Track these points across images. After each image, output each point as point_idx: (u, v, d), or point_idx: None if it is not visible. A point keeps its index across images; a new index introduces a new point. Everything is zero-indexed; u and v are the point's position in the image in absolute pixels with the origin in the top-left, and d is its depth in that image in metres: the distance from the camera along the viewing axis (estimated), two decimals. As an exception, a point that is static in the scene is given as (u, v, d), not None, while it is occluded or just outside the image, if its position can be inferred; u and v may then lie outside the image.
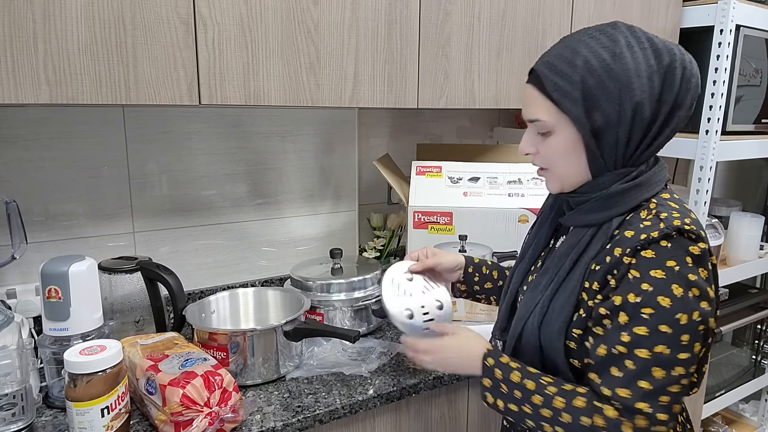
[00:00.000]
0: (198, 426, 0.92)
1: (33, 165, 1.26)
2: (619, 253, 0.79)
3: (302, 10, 1.16)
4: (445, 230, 1.44)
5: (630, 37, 0.80)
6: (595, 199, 0.84)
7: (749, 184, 2.79)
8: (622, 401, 0.75)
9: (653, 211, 0.81)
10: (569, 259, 0.86)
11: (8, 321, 1.03)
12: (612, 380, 0.77)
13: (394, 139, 1.80)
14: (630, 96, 0.78)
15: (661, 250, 0.76)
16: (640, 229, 0.78)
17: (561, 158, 0.85)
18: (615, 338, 0.77)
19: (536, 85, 0.84)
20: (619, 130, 0.80)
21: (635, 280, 0.77)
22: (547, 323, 0.85)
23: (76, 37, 0.96)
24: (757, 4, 1.79)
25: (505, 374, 0.85)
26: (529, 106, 0.85)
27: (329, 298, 1.34)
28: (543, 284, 0.89)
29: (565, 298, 0.84)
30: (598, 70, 0.78)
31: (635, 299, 0.76)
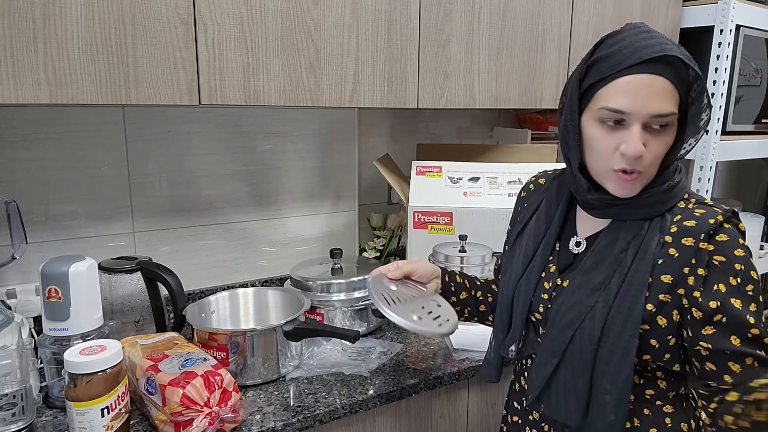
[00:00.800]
0: (198, 426, 0.92)
1: (33, 165, 1.26)
2: (692, 243, 0.79)
3: (302, 10, 1.16)
4: (445, 230, 1.44)
5: None
6: (663, 191, 0.84)
7: (749, 184, 2.79)
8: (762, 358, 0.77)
9: (691, 200, 0.85)
10: (630, 252, 0.83)
11: (8, 321, 1.03)
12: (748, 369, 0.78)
13: (394, 139, 1.80)
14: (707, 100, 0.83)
15: (729, 232, 0.79)
16: (699, 217, 0.81)
17: (661, 155, 0.82)
18: (744, 324, 0.77)
19: (669, 76, 0.77)
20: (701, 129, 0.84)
21: (724, 263, 0.78)
22: (613, 322, 0.81)
23: (76, 37, 0.96)
24: (757, 4, 1.79)
25: None
26: (661, 99, 0.77)
27: (329, 298, 1.34)
28: (597, 283, 0.84)
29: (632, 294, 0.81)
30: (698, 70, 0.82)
31: (736, 281, 0.78)
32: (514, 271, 0.96)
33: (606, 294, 0.82)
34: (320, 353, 1.26)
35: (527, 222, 0.98)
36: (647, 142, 0.79)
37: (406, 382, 1.17)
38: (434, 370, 1.22)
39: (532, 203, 0.99)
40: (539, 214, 0.96)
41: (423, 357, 1.28)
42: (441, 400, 1.26)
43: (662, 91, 0.77)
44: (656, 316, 0.80)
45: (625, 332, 0.80)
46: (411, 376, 1.19)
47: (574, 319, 0.84)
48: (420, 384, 1.18)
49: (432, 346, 1.34)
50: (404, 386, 1.16)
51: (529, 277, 0.93)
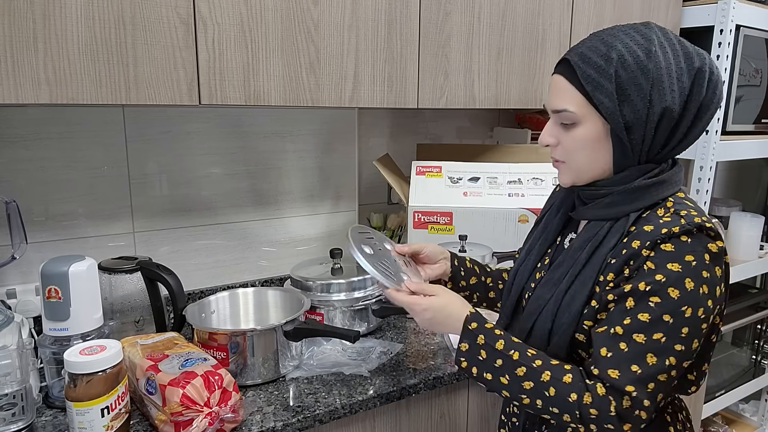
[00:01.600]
0: (198, 426, 0.92)
1: (33, 165, 1.26)
2: (637, 246, 0.79)
3: (302, 10, 1.16)
4: (445, 230, 1.44)
5: (662, 37, 0.81)
6: (618, 193, 0.84)
7: (749, 184, 2.79)
8: (611, 381, 0.77)
9: (671, 209, 0.82)
10: (585, 252, 0.86)
11: (8, 321, 1.03)
12: (604, 360, 0.78)
13: (394, 139, 1.80)
14: (660, 94, 0.79)
15: (681, 245, 0.77)
16: (660, 224, 0.79)
17: (582, 150, 0.85)
18: (616, 320, 0.78)
19: (566, 76, 0.83)
20: (647, 127, 0.80)
21: (650, 270, 0.77)
22: (561, 316, 0.85)
23: (76, 37, 0.96)
24: (757, 4, 1.79)
25: (488, 340, 0.85)
26: (557, 97, 0.85)
27: (329, 298, 1.34)
28: (556, 279, 0.89)
29: (579, 290, 0.84)
30: (632, 66, 0.79)
31: (645, 287, 0.77)
32: (519, 258, 1.02)
33: (558, 290, 0.87)
34: (320, 353, 1.26)
35: (542, 217, 1.02)
36: (560, 135, 0.86)
37: (406, 382, 1.17)
38: (434, 370, 1.22)
39: (556, 197, 1.02)
40: (551, 211, 1.00)
41: (423, 357, 1.28)
42: (441, 400, 1.26)
43: (559, 89, 0.84)
44: (599, 313, 0.83)
45: (569, 327, 0.84)
46: (411, 376, 1.19)
47: (535, 310, 0.90)
48: (420, 384, 1.18)
49: (432, 346, 1.34)
50: (404, 386, 1.16)
51: (526, 266, 0.98)
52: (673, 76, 0.79)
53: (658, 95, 0.79)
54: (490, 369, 0.84)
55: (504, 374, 0.83)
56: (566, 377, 0.80)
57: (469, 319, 0.88)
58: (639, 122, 0.80)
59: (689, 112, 0.81)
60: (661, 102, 0.79)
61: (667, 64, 0.79)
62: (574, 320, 0.84)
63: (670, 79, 0.79)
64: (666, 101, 0.79)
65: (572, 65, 0.82)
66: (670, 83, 0.79)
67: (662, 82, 0.79)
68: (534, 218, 1.41)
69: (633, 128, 0.81)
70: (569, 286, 0.86)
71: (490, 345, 0.85)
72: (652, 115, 0.80)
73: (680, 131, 0.82)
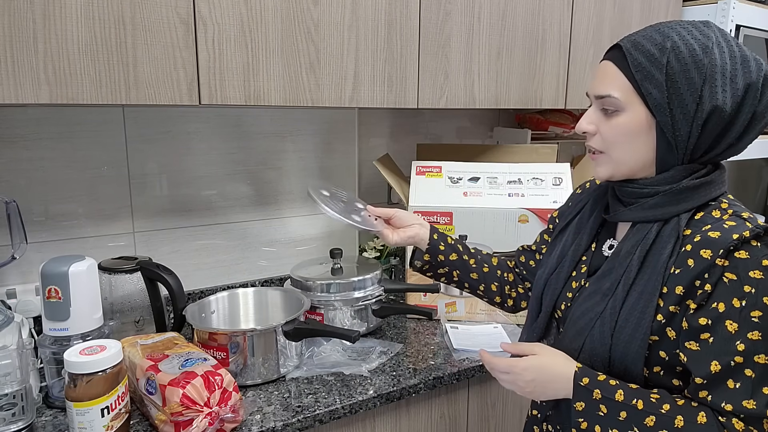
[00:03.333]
0: (198, 426, 0.92)
1: (33, 165, 1.26)
2: (709, 255, 0.74)
3: (302, 10, 1.16)
4: (445, 230, 1.44)
5: (721, 38, 0.78)
6: (665, 193, 0.80)
7: (749, 184, 2.79)
8: (750, 412, 0.71)
9: (728, 210, 0.78)
10: (636, 257, 0.81)
11: (8, 321, 1.03)
12: (731, 393, 0.72)
13: (394, 139, 1.80)
14: (712, 92, 0.75)
15: (753, 250, 0.73)
16: (726, 229, 0.75)
17: (623, 140, 0.81)
18: (729, 349, 0.72)
19: (616, 62, 0.80)
20: (693, 124, 0.77)
21: (733, 283, 0.73)
22: (621, 331, 0.79)
23: (76, 37, 0.96)
24: (757, 4, 1.80)
25: (606, 393, 0.77)
26: (602, 82, 0.81)
27: (329, 298, 1.34)
28: (605, 289, 0.83)
29: (641, 302, 0.78)
30: (687, 58, 0.76)
31: (740, 303, 0.72)
32: (548, 266, 0.96)
33: (613, 301, 0.81)
34: (320, 353, 1.26)
35: (572, 219, 0.97)
36: (600, 123, 0.83)
37: (406, 382, 1.17)
38: (434, 370, 1.22)
39: (581, 200, 0.98)
40: (583, 213, 0.95)
41: (423, 357, 1.28)
42: (441, 400, 1.26)
43: (605, 74, 0.81)
44: (666, 327, 0.77)
45: (634, 342, 0.78)
46: (411, 376, 1.19)
47: (585, 326, 0.83)
48: (420, 384, 1.18)
49: (432, 346, 1.34)
50: (404, 386, 1.16)
51: (560, 274, 0.93)
52: (727, 76, 0.76)
53: (709, 92, 0.75)
54: (615, 424, 0.77)
55: (631, 427, 0.76)
56: (700, 417, 0.73)
57: (578, 375, 0.80)
58: (686, 118, 0.77)
59: (742, 116, 0.77)
60: (712, 100, 0.75)
61: (723, 62, 0.76)
62: (645, 335, 0.77)
63: (723, 78, 0.75)
64: (717, 100, 0.75)
65: (624, 51, 0.79)
66: (723, 82, 0.75)
67: (715, 79, 0.75)
68: (534, 218, 1.41)
69: (678, 123, 0.77)
70: (625, 297, 0.80)
71: (608, 398, 0.77)
72: (700, 112, 0.76)
73: (731, 135, 0.78)
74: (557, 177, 1.46)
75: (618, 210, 0.86)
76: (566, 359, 0.84)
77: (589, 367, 0.82)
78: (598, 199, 0.93)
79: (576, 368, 0.81)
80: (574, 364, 0.82)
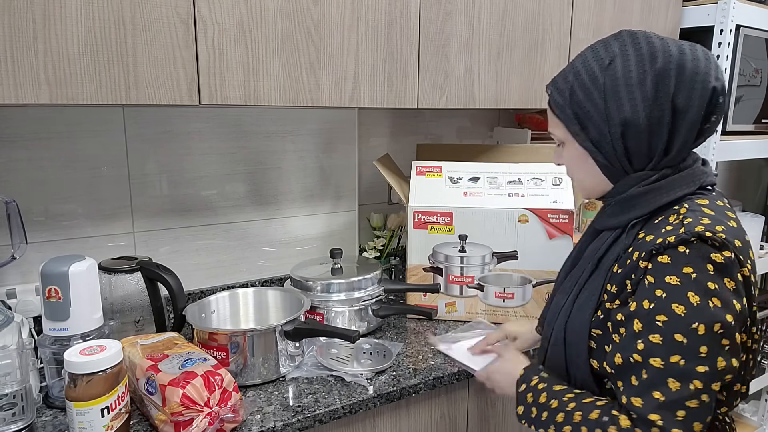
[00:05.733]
0: (198, 426, 0.92)
1: (33, 165, 1.26)
2: (636, 257, 0.78)
3: (302, 10, 1.16)
4: (445, 230, 1.44)
5: (629, 44, 0.79)
6: (616, 202, 0.85)
7: (749, 184, 2.79)
8: (636, 410, 0.74)
9: (680, 216, 0.78)
10: (592, 261, 0.87)
11: (8, 321, 1.03)
12: (629, 388, 0.76)
13: (394, 139, 1.80)
14: (618, 106, 0.78)
15: (677, 256, 0.74)
16: (660, 233, 0.77)
17: (575, 168, 0.89)
18: (631, 346, 0.76)
19: (550, 103, 0.88)
20: (612, 141, 0.80)
21: (650, 285, 0.75)
22: (571, 324, 0.87)
23: (76, 37, 0.96)
24: (757, 4, 1.80)
25: (535, 396, 0.87)
26: (549, 122, 0.90)
27: (329, 298, 1.34)
28: (568, 287, 0.91)
29: (586, 299, 0.85)
30: (587, 83, 0.80)
31: (649, 305, 0.75)
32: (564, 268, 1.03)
33: (569, 299, 0.89)
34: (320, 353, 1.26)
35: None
36: (559, 157, 0.92)
37: (406, 382, 1.17)
38: (434, 370, 1.22)
39: None
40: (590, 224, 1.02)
41: (423, 357, 1.28)
42: (441, 400, 1.26)
43: (549, 115, 0.89)
44: (606, 322, 0.82)
45: (580, 334, 0.85)
46: (411, 376, 1.19)
47: (552, 318, 0.93)
48: (420, 384, 1.18)
49: (432, 346, 1.34)
50: (404, 386, 1.16)
51: (559, 275, 1.00)
52: (632, 83, 0.77)
53: (615, 107, 0.78)
54: (540, 423, 0.85)
55: (549, 425, 0.84)
56: (592, 414, 0.79)
57: (519, 381, 0.92)
58: (603, 137, 0.81)
59: (663, 115, 0.77)
60: (620, 113, 0.78)
61: (626, 72, 0.77)
62: (585, 329, 0.84)
63: (628, 87, 0.77)
64: (625, 112, 0.77)
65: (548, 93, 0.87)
66: (628, 92, 0.77)
67: (618, 93, 0.77)
68: (534, 218, 1.41)
69: (600, 144, 0.82)
70: (577, 294, 0.87)
71: (536, 400, 0.87)
72: (614, 128, 0.79)
73: (659, 137, 0.78)
74: (557, 177, 1.46)
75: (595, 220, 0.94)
76: (517, 363, 0.97)
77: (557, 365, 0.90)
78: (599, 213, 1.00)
79: (519, 374, 0.93)
80: (519, 369, 0.94)
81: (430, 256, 1.46)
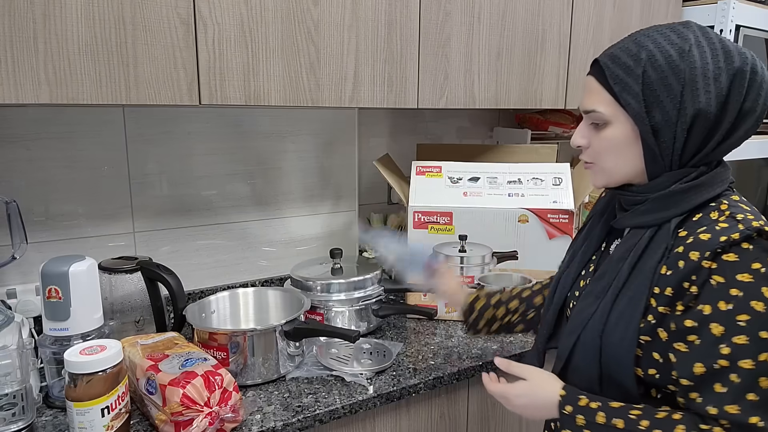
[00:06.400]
0: (198, 426, 0.92)
1: (33, 165, 1.26)
2: (696, 257, 0.74)
3: (302, 10, 1.16)
4: (445, 230, 1.44)
5: (701, 36, 0.77)
6: (654, 199, 0.81)
7: (749, 184, 2.79)
8: (732, 418, 0.71)
9: (726, 212, 0.77)
10: (627, 263, 0.82)
11: (8, 321, 1.03)
12: (717, 397, 0.72)
13: (394, 139, 1.80)
14: (693, 95, 0.75)
15: (744, 253, 0.72)
16: (717, 231, 0.74)
17: (612, 152, 0.83)
18: (713, 352, 0.72)
19: (597, 77, 0.82)
20: (677, 130, 0.77)
21: (720, 286, 0.72)
22: (611, 332, 0.80)
23: (76, 37, 0.96)
24: (757, 4, 1.80)
25: (589, 418, 0.80)
26: (588, 97, 0.84)
27: (329, 298, 1.34)
28: (598, 291, 0.84)
29: (631, 305, 0.79)
30: (663, 66, 0.76)
31: (726, 306, 0.71)
32: (562, 265, 0.99)
33: (603, 304, 0.82)
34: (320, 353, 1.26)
35: (589, 221, 0.98)
36: (591, 137, 0.85)
37: (406, 382, 1.17)
38: (434, 370, 1.22)
39: (600, 203, 0.99)
40: (596, 215, 0.97)
41: (423, 357, 1.28)
42: (441, 400, 1.26)
43: (590, 90, 0.84)
44: (657, 328, 0.78)
45: (624, 344, 0.79)
46: (411, 376, 1.19)
47: (578, 325, 0.85)
48: (420, 384, 1.18)
49: (432, 346, 1.34)
50: (404, 386, 1.16)
51: (569, 273, 0.95)
52: (709, 76, 0.75)
53: (690, 97, 0.75)
54: None
55: None
56: (677, 430, 0.74)
57: (562, 404, 0.83)
58: (669, 125, 0.77)
59: (728, 114, 0.76)
60: (695, 104, 0.75)
61: (703, 63, 0.75)
62: (633, 338, 0.78)
63: (705, 79, 0.75)
64: (700, 103, 0.75)
65: (602, 66, 0.81)
66: (705, 84, 0.75)
67: (696, 82, 0.75)
68: (534, 218, 1.41)
69: (662, 131, 0.77)
70: (614, 300, 0.81)
71: (591, 422, 0.79)
72: (683, 117, 0.76)
73: (718, 135, 0.77)
74: (557, 177, 1.46)
75: (620, 215, 0.88)
76: (553, 384, 0.86)
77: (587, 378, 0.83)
78: (608, 202, 0.95)
79: (560, 396, 0.84)
80: (558, 390, 0.85)
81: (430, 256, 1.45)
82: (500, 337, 1.39)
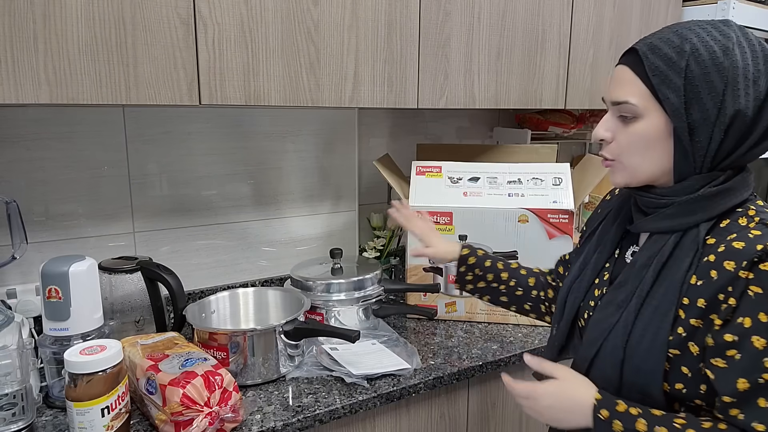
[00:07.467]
0: (198, 426, 0.92)
1: (33, 165, 1.26)
2: (732, 267, 0.70)
3: (302, 10, 1.16)
4: (445, 230, 1.44)
5: (741, 36, 0.75)
6: (681, 203, 0.77)
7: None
8: None
9: (755, 218, 0.74)
10: (651, 270, 0.78)
11: (8, 321, 1.03)
12: (762, 413, 0.69)
13: (394, 139, 1.80)
14: (734, 95, 0.72)
15: None
16: (751, 239, 0.70)
17: (639, 148, 0.78)
18: (757, 366, 0.69)
19: (632, 67, 0.77)
20: (714, 130, 0.73)
21: (759, 296, 0.69)
22: (636, 344, 0.76)
23: (76, 37, 0.96)
24: (757, 4, 1.80)
25: (627, 425, 0.73)
26: (619, 87, 0.78)
27: (329, 298, 1.34)
28: (620, 300, 0.80)
29: (657, 316, 0.75)
30: (707, 61, 0.72)
31: (767, 318, 0.68)
32: (572, 272, 0.94)
33: (627, 314, 0.78)
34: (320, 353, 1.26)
35: (597, 226, 0.94)
36: (617, 131, 0.80)
37: (406, 382, 1.17)
38: (434, 370, 1.22)
39: (610, 205, 0.96)
40: (608, 220, 0.92)
41: (423, 357, 1.28)
42: (441, 400, 1.26)
43: (622, 80, 0.78)
44: (687, 342, 0.73)
45: (651, 357, 0.75)
46: (411, 376, 1.19)
47: (598, 336, 0.81)
48: (420, 384, 1.18)
49: (432, 346, 1.34)
50: (404, 386, 1.16)
51: (582, 281, 0.91)
52: (750, 78, 0.72)
53: (732, 97, 0.72)
54: None
55: None
56: None
57: (597, 408, 0.76)
58: (707, 124, 0.73)
59: (763, 118, 0.73)
60: (735, 104, 0.72)
61: (745, 64, 0.72)
62: (662, 350, 0.74)
63: (746, 80, 0.72)
64: (740, 104, 0.72)
65: (640, 55, 0.76)
66: (745, 85, 0.72)
67: (737, 82, 0.72)
68: (534, 218, 1.41)
69: (698, 130, 0.74)
70: (639, 310, 0.77)
71: (630, 429, 0.73)
72: (723, 118, 0.73)
73: (751, 139, 0.75)
74: (557, 177, 1.46)
75: (639, 219, 0.84)
76: (588, 387, 0.80)
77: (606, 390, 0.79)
78: (622, 205, 0.90)
79: (595, 399, 0.77)
80: (593, 393, 0.78)
81: (430, 256, 1.46)
82: (500, 337, 1.39)
